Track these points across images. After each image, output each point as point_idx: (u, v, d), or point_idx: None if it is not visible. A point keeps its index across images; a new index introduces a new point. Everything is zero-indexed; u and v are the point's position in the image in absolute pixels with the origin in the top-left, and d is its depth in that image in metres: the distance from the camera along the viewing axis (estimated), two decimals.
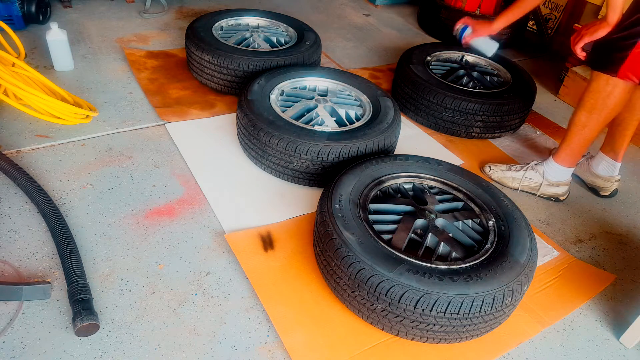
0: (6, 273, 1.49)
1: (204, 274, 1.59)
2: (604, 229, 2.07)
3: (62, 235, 1.56)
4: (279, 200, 1.93)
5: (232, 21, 2.78)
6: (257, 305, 1.51)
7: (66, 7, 3.26)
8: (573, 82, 3.00)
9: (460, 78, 2.66)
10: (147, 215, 1.77)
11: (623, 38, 1.75)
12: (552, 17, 3.78)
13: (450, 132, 2.48)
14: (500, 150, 2.48)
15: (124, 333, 1.38)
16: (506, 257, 1.45)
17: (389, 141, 2.01)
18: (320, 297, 1.55)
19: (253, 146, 1.99)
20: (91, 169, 1.94)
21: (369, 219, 1.56)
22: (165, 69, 2.72)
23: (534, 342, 1.53)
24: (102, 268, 1.56)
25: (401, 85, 2.58)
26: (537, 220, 2.06)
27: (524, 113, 2.53)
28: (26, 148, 2.00)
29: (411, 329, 1.36)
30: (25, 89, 2.01)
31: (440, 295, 1.30)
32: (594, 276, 1.80)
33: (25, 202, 1.74)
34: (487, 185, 1.78)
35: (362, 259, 1.37)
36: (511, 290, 1.36)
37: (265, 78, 2.20)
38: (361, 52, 3.34)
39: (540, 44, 3.76)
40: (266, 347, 1.40)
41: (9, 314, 1.38)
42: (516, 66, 2.76)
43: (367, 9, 4.10)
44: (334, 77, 2.33)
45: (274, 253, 1.68)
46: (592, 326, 1.62)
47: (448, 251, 1.52)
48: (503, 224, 1.59)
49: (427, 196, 1.72)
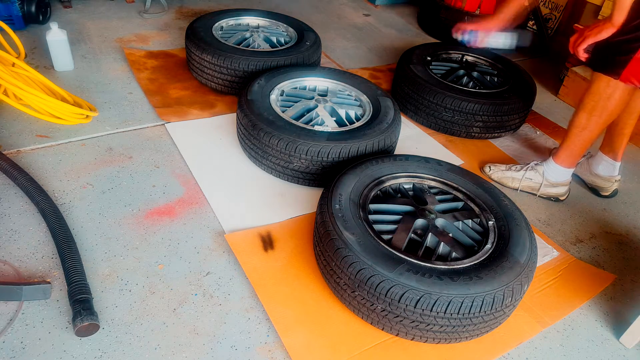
0: (6, 273, 1.49)
1: (204, 274, 1.59)
2: (604, 229, 2.07)
3: (62, 235, 1.56)
4: (279, 200, 1.93)
5: (232, 21, 2.78)
6: (257, 305, 1.51)
7: (66, 7, 3.26)
8: (573, 82, 3.00)
9: (460, 78, 2.66)
10: (147, 215, 1.77)
11: (627, 41, 1.74)
12: (552, 17, 3.78)
13: (450, 132, 2.48)
14: (500, 150, 2.48)
15: (124, 333, 1.38)
16: (506, 257, 1.45)
17: (389, 141, 2.01)
18: (320, 297, 1.55)
19: (253, 146, 1.99)
20: (91, 169, 1.94)
21: (369, 219, 1.56)
22: (165, 69, 2.72)
23: (534, 342, 1.53)
24: (102, 268, 1.56)
25: (401, 85, 2.58)
26: (537, 220, 2.06)
27: (524, 113, 2.53)
28: (26, 148, 2.00)
29: (411, 329, 1.36)
30: (25, 89, 2.01)
31: (440, 295, 1.30)
32: (594, 276, 1.80)
33: (25, 202, 1.74)
34: (487, 185, 1.78)
35: (362, 259, 1.37)
36: (511, 290, 1.36)
37: (265, 78, 2.20)
38: (361, 52, 3.34)
39: (540, 44, 3.75)
40: (266, 347, 1.40)
41: (9, 314, 1.38)
42: (516, 66, 2.76)
43: (367, 9, 4.10)
44: (334, 77, 2.33)
45: (274, 253, 1.68)
46: (592, 326, 1.62)
47: (448, 251, 1.52)
48: (503, 224, 1.59)
49: (427, 196, 1.72)
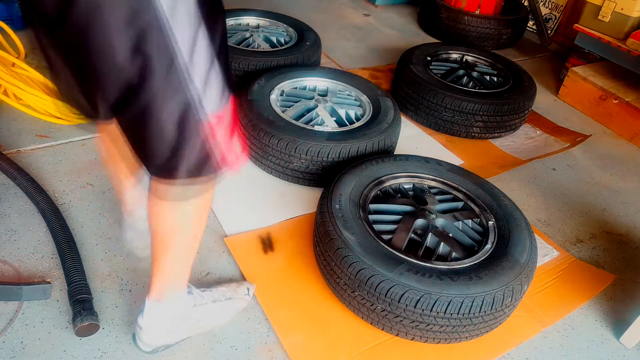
0: (6, 273, 1.49)
1: (204, 274, 1.59)
2: (604, 229, 2.07)
3: (62, 235, 1.56)
4: (278, 200, 1.93)
5: (232, 21, 2.78)
6: (257, 305, 1.51)
7: None
8: (573, 82, 3.00)
9: (460, 78, 2.66)
10: None
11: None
12: (552, 17, 3.78)
13: (450, 132, 2.48)
14: (501, 150, 2.48)
15: (124, 333, 1.38)
16: (506, 257, 1.45)
17: (389, 141, 2.01)
18: (320, 297, 1.55)
19: (253, 146, 1.99)
20: (91, 169, 1.94)
21: (369, 219, 1.56)
22: None
23: (534, 342, 1.53)
24: (102, 268, 1.55)
25: (401, 85, 2.58)
26: (537, 220, 2.06)
27: (524, 113, 2.53)
28: (26, 148, 2.00)
29: (411, 329, 1.36)
30: (25, 89, 2.01)
31: (440, 295, 1.30)
32: (594, 276, 1.80)
33: (25, 202, 1.74)
34: (487, 185, 1.78)
35: (362, 259, 1.37)
36: (511, 290, 1.36)
37: (265, 78, 2.20)
38: (361, 52, 3.34)
39: (540, 44, 3.75)
40: (266, 347, 1.40)
41: (9, 314, 1.38)
42: (516, 66, 2.76)
43: (367, 9, 4.10)
44: (334, 77, 2.33)
45: (273, 254, 1.68)
46: (592, 326, 1.62)
47: (448, 251, 1.52)
48: (503, 224, 1.59)
49: (427, 196, 1.72)
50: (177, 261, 1.20)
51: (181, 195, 1.05)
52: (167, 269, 1.20)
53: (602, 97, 2.83)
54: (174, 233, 1.13)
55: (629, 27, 2.73)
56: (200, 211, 1.13)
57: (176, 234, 1.14)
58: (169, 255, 1.17)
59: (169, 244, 1.15)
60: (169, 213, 1.10)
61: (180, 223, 1.12)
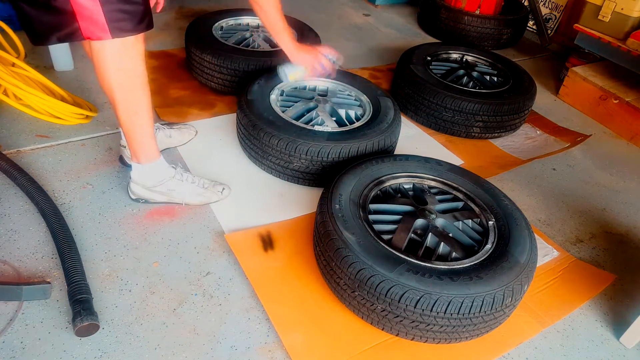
0: (6, 273, 1.49)
1: (204, 274, 1.59)
2: (604, 229, 2.07)
3: (62, 235, 1.56)
4: (278, 200, 1.93)
5: (232, 21, 2.78)
6: (257, 305, 1.51)
7: None
8: (573, 82, 3.00)
9: (460, 78, 2.66)
10: (147, 215, 1.77)
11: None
12: (552, 17, 3.78)
13: (450, 132, 2.48)
14: (501, 150, 2.48)
15: (124, 333, 1.38)
16: (506, 257, 1.45)
17: (389, 141, 2.01)
18: (320, 297, 1.55)
19: (253, 146, 1.99)
20: (91, 169, 1.94)
21: (369, 219, 1.56)
22: (165, 69, 2.71)
23: (534, 342, 1.53)
24: (102, 268, 1.56)
25: (401, 85, 2.58)
26: (537, 220, 2.06)
27: (524, 113, 2.53)
28: (26, 148, 2.00)
29: (411, 329, 1.36)
30: (25, 89, 2.01)
31: (440, 295, 1.30)
32: (594, 276, 1.80)
33: (25, 202, 1.74)
34: (487, 185, 1.78)
35: (362, 259, 1.37)
36: (511, 290, 1.36)
37: (265, 78, 2.20)
38: (361, 52, 3.34)
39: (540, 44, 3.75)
40: (266, 347, 1.40)
41: (9, 314, 1.38)
42: (516, 66, 2.76)
43: (367, 9, 4.10)
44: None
45: (273, 253, 1.68)
46: (592, 326, 1.62)
47: (448, 251, 1.52)
48: (503, 224, 1.59)
49: (427, 196, 1.72)
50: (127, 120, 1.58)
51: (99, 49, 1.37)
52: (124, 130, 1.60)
53: (602, 97, 2.83)
54: (113, 87, 1.48)
55: (629, 27, 2.73)
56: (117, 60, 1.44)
57: (114, 88, 1.48)
58: (121, 111, 1.54)
59: (114, 98, 1.51)
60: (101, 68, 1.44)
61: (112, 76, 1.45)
